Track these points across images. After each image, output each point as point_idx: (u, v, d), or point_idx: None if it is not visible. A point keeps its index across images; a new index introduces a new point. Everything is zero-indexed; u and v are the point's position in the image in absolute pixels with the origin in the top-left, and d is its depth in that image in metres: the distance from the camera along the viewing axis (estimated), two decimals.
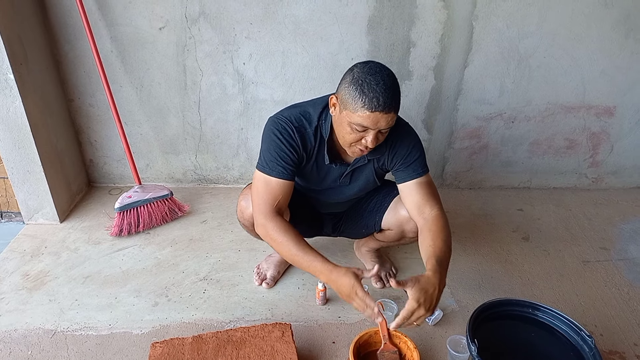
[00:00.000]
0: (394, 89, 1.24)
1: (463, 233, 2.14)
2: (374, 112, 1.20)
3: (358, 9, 2.00)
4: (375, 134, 1.26)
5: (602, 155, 2.45)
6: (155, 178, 2.42)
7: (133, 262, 1.89)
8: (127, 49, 2.06)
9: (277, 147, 1.38)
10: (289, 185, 1.41)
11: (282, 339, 1.43)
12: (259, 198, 1.40)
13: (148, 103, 2.19)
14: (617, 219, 2.29)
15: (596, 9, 2.04)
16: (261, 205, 1.39)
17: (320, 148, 1.44)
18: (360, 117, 1.22)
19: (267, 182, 1.39)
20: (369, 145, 1.28)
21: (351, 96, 1.22)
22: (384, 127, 1.25)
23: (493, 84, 2.20)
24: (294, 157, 1.40)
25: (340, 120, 1.30)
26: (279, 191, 1.39)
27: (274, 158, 1.38)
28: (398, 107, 1.26)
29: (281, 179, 1.38)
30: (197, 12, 1.99)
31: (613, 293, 1.79)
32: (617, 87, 2.24)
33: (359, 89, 1.21)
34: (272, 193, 1.39)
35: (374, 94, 1.19)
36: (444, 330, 1.60)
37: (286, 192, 1.41)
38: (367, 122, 1.22)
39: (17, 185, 2.02)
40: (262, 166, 1.40)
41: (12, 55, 1.77)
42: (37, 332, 1.55)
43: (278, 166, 1.38)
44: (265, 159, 1.40)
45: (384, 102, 1.20)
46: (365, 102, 1.20)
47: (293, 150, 1.39)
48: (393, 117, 1.24)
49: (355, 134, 1.28)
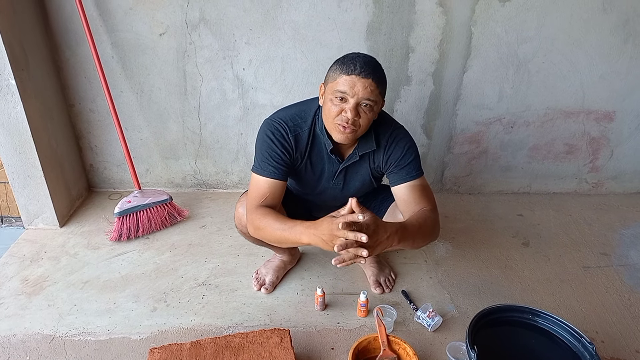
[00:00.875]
0: (375, 65, 1.30)
1: (462, 238, 2.13)
2: (350, 75, 1.26)
3: (357, 15, 2.00)
4: (354, 104, 1.28)
5: (602, 160, 2.44)
6: (155, 183, 2.43)
7: (132, 267, 1.89)
8: (127, 55, 2.07)
9: (268, 147, 1.40)
10: (279, 184, 1.42)
11: (281, 345, 1.43)
12: (249, 198, 1.42)
13: (148, 108, 2.20)
14: (618, 224, 2.28)
15: (595, 14, 2.04)
16: (249, 204, 1.41)
17: (314, 144, 1.45)
18: (338, 83, 1.28)
19: (257, 182, 1.41)
20: (348, 115, 1.29)
21: (332, 70, 1.32)
22: (361, 95, 1.27)
23: (492, 89, 2.21)
24: (285, 158, 1.41)
25: (325, 101, 1.35)
26: (268, 190, 1.40)
27: (266, 158, 1.41)
28: (380, 81, 1.29)
29: (271, 179, 1.40)
30: (197, 18, 2.00)
31: (614, 299, 1.79)
32: (616, 92, 2.24)
33: (339, 62, 1.31)
34: (260, 191, 1.41)
35: (352, 61, 1.28)
36: (444, 336, 1.59)
37: (276, 191, 1.41)
38: (345, 87, 1.27)
39: (18, 190, 2.03)
40: (255, 167, 1.43)
41: (14, 60, 1.79)
42: (35, 338, 1.54)
43: (269, 166, 1.40)
44: (258, 160, 1.43)
45: (361, 67, 1.26)
46: (343, 68, 1.28)
47: (285, 151, 1.41)
48: (372, 85, 1.27)
49: (336, 106, 1.30)
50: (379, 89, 1.29)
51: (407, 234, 1.23)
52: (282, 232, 1.29)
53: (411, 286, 1.83)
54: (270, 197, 1.40)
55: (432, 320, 1.59)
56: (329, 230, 1.15)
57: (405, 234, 1.22)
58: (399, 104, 2.22)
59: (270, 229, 1.32)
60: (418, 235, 1.28)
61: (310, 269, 1.90)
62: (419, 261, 1.97)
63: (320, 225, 1.19)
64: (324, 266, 1.92)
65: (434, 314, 1.60)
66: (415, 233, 1.27)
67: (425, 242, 1.34)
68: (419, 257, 1.99)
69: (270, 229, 1.31)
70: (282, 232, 1.29)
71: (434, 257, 2.00)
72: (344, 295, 1.77)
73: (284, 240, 1.30)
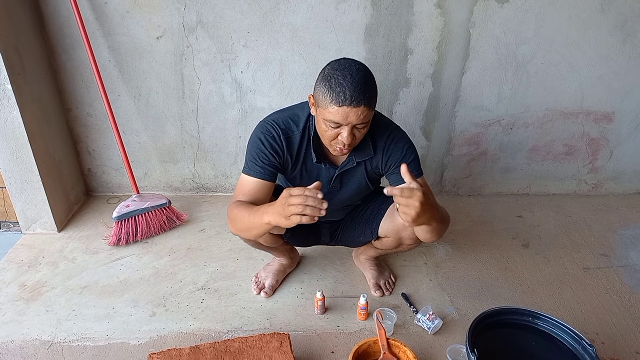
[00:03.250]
0: (365, 83, 1.22)
1: (462, 240, 2.13)
2: (342, 107, 1.20)
3: (355, 17, 2.00)
4: (350, 130, 1.26)
5: (602, 161, 2.44)
6: (153, 187, 2.42)
7: (131, 272, 1.88)
8: (124, 58, 2.06)
9: (257, 148, 1.40)
10: (265, 185, 1.41)
11: (281, 349, 1.42)
12: (233, 197, 1.42)
13: (146, 112, 2.19)
14: (618, 225, 2.28)
15: (593, 14, 2.04)
16: (230, 203, 1.41)
17: (308, 148, 1.44)
18: (330, 113, 1.23)
19: (243, 181, 1.42)
20: (345, 141, 1.28)
21: (321, 93, 1.24)
22: (355, 122, 1.24)
23: (491, 90, 2.20)
24: (274, 159, 1.41)
25: (317, 120, 1.32)
26: (252, 189, 1.39)
27: (254, 158, 1.40)
28: (371, 101, 1.24)
29: (257, 179, 1.40)
30: (194, 21, 1.99)
31: (614, 300, 1.78)
32: (615, 92, 2.24)
33: (327, 84, 1.22)
34: (243, 189, 1.40)
35: (341, 88, 1.20)
36: (444, 339, 1.58)
37: (260, 191, 1.40)
38: (337, 118, 1.23)
39: (15, 195, 2.02)
40: (244, 167, 1.43)
41: (10, 65, 1.78)
42: (33, 343, 1.54)
43: (256, 166, 1.40)
44: (247, 160, 1.43)
45: (351, 96, 1.19)
46: (332, 97, 1.20)
47: (274, 153, 1.40)
48: (365, 111, 1.23)
49: (330, 130, 1.28)
50: (371, 108, 1.26)
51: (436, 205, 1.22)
52: (249, 216, 1.28)
53: (411, 289, 1.82)
54: (249, 195, 1.39)
55: (432, 323, 1.58)
56: (282, 198, 1.13)
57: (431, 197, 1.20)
58: (398, 106, 2.22)
59: (240, 217, 1.31)
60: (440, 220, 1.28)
61: (309, 273, 1.90)
62: (419, 263, 1.96)
63: (275, 203, 1.18)
64: (323, 269, 1.91)
65: (434, 316, 1.59)
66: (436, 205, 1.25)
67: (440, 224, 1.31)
68: (419, 259, 1.99)
69: (240, 217, 1.31)
70: (249, 217, 1.28)
71: (433, 259, 1.99)
72: (344, 298, 1.76)
73: (252, 226, 1.28)
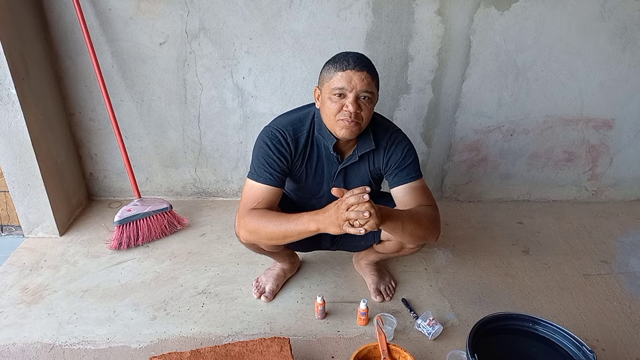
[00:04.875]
0: (365, 58, 1.34)
1: (462, 246, 2.13)
2: (346, 71, 1.29)
3: (356, 24, 2.02)
4: (354, 98, 1.30)
5: (602, 167, 2.45)
6: (154, 191, 2.43)
7: (132, 276, 1.88)
8: (127, 64, 2.08)
9: (265, 154, 1.42)
10: (274, 191, 1.42)
11: (281, 354, 1.42)
12: (242, 204, 1.43)
13: (148, 117, 2.21)
14: (618, 231, 2.28)
15: (592, 22, 2.06)
16: (241, 210, 1.42)
17: (313, 145, 1.46)
18: (335, 80, 1.31)
19: (252, 188, 1.42)
20: (351, 109, 1.30)
21: (326, 70, 1.35)
22: (359, 88, 1.30)
23: (491, 97, 2.22)
24: (282, 165, 1.42)
25: (323, 101, 1.36)
26: (261, 196, 1.41)
27: (262, 165, 1.42)
28: (373, 71, 1.34)
29: (267, 185, 1.41)
30: (197, 27, 2.01)
31: (615, 307, 1.78)
32: (615, 99, 2.25)
33: (331, 62, 1.35)
34: (254, 197, 1.41)
35: (344, 58, 1.32)
36: (444, 344, 1.58)
37: (270, 198, 1.42)
38: (342, 82, 1.29)
39: (18, 198, 2.03)
40: (251, 173, 1.44)
41: (14, 70, 1.80)
42: (35, 347, 1.54)
43: (265, 172, 1.41)
44: (254, 166, 1.44)
45: (354, 62, 1.30)
46: (336, 66, 1.31)
47: (282, 158, 1.42)
48: (367, 78, 1.30)
49: (335, 103, 1.32)
50: (374, 81, 1.34)
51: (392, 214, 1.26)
52: (287, 224, 1.30)
53: (411, 294, 1.82)
54: (264, 203, 1.40)
55: (432, 329, 1.58)
56: (334, 209, 1.22)
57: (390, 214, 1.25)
58: (399, 112, 2.23)
59: (271, 226, 1.33)
60: (408, 220, 1.30)
61: (310, 278, 1.90)
62: (419, 269, 1.97)
63: (327, 210, 1.24)
64: (324, 274, 1.92)
65: (434, 322, 1.59)
66: (405, 217, 1.30)
67: (418, 230, 1.33)
68: (419, 265, 1.99)
69: (272, 226, 1.32)
70: (287, 225, 1.30)
71: (434, 265, 1.99)
72: (344, 303, 1.77)
73: (289, 234, 1.31)
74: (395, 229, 1.28)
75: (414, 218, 1.33)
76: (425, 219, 1.36)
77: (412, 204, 1.41)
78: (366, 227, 1.16)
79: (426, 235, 1.37)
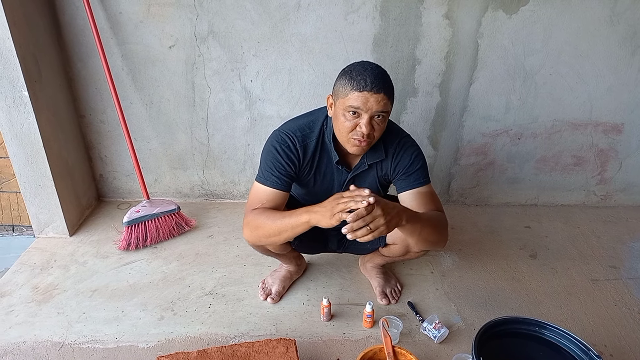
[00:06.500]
0: (383, 76, 1.30)
1: (469, 250, 2.13)
2: (363, 92, 1.26)
3: (364, 28, 2.03)
4: (369, 119, 1.29)
5: (611, 172, 2.43)
6: (163, 193, 2.45)
7: (140, 276, 1.90)
8: (137, 67, 2.11)
9: (273, 158, 1.43)
10: (280, 195, 1.43)
11: (287, 355, 1.43)
12: (247, 205, 1.45)
13: (157, 119, 2.23)
14: (627, 236, 2.26)
15: (602, 26, 2.05)
16: (246, 210, 1.43)
17: (322, 152, 1.47)
18: (351, 99, 1.27)
19: (258, 190, 1.44)
20: (364, 130, 1.30)
21: (342, 84, 1.30)
22: (375, 109, 1.28)
23: (499, 100, 2.21)
24: (290, 170, 1.43)
25: (336, 114, 1.35)
26: (266, 198, 1.42)
27: (270, 168, 1.43)
28: (389, 92, 1.30)
29: (273, 189, 1.42)
30: (206, 31, 2.03)
31: (623, 312, 1.77)
32: (624, 104, 2.24)
33: (348, 76, 1.29)
34: (259, 199, 1.42)
35: (362, 76, 1.26)
36: (450, 348, 1.58)
37: (275, 201, 1.43)
38: (358, 102, 1.27)
39: (29, 199, 2.06)
40: (259, 176, 1.45)
41: (27, 73, 1.83)
42: (45, 345, 1.56)
43: (272, 176, 1.42)
44: (262, 169, 1.45)
45: (372, 82, 1.26)
46: (353, 85, 1.27)
47: (290, 163, 1.43)
48: (384, 99, 1.28)
49: (349, 121, 1.31)
50: (390, 99, 1.31)
51: (415, 216, 1.28)
52: (282, 219, 1.31)
53: (417, 297, 1.82)
54: (269, 205, 1.42)
55: (438, 332, 1.58)
56: (333, 198, 1.21)
57: (414, 215, 1.27)
58: (406, 115, 2.24)
59: (269, 222, 1.34)
60: (427, 224, 1.32)
61: (316, 280, 1.91)
62: (426, 272, 1.97)
63: (324, 203, 1.24)
64: (330, 277, 1.92)
65: (440, 325, 1.59)
66: (425, 220, 1.31)
67: (433, 236, 1.36)
68: (425, 268, 1.99)
69: (269, 222, 1.34)
70: (282, 220, 1.31)
71: (440, 268, 1.99)
72: (350, 305, 1.77)
73: (285, 228, 1.31)
74: (413, 232, 1.30)
75: (431, 222, 1.35)
76: (440, 224, 1.39)
77: (420, 209, 1.41)
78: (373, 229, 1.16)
79: (439, 240, 1.39)
